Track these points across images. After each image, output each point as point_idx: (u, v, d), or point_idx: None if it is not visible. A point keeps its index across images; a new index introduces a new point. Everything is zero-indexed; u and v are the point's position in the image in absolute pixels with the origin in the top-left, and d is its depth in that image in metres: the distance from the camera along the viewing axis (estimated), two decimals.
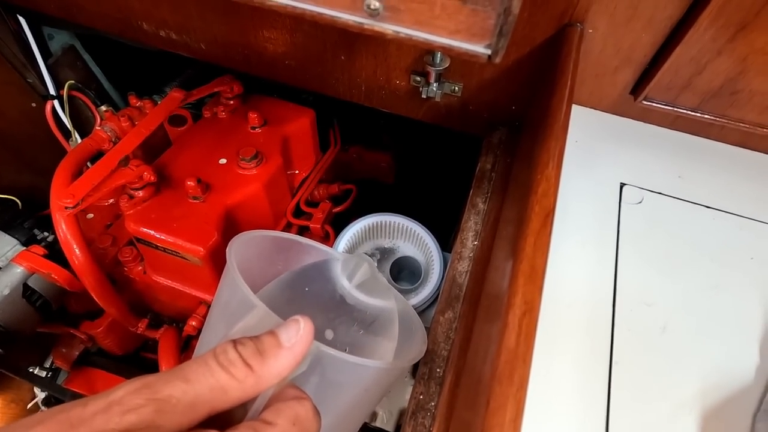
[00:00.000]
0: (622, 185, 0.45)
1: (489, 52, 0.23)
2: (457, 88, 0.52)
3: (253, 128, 0.65)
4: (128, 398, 0.17)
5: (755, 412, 0.33)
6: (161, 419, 0.17)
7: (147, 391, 0.18)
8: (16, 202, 0.73)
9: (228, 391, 0.19)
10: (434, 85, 0.51)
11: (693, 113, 0.45)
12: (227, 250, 0.35)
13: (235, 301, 0.30)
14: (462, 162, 0.70)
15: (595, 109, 0.50)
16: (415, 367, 0.40)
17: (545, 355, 0.34)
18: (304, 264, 0.49)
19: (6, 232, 0.62)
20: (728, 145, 0.48)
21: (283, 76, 0.61)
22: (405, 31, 0.23)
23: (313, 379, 0.21)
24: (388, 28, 0.24)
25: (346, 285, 0.50)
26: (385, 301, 0.49)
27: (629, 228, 0.42)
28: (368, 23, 0.24)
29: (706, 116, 0.45)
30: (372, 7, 0.23)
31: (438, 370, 0.39)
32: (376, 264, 0.51)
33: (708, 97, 0.44)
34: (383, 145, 0.87)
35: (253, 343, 0.20)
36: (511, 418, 0.23)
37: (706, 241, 0.41)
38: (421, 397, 0.38)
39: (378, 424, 0.56)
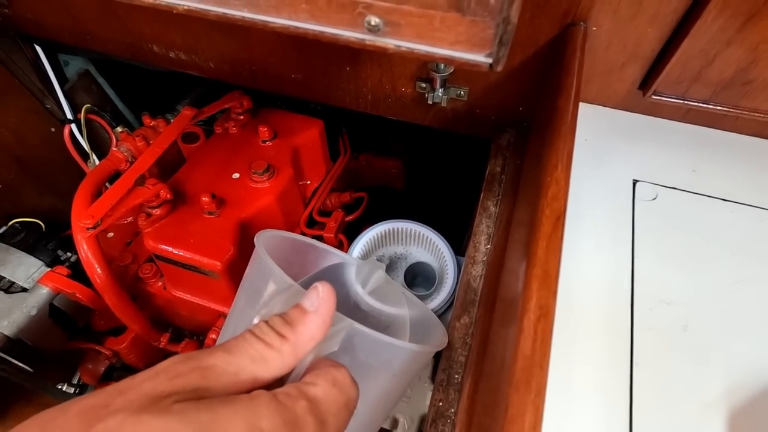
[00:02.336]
0: (635, 182, 0.44)
1: (490, 60, 0.23)
2: (462, 92, 0.52)
3: (264, 141, 0.66)
4: (174, 367, 0.18)
5: None
6: (208, 383, 0.18)
7: (192, 362, 0.18)
8: (40, 225, 0.75)
9: (269, 361, 0.20)
10: (440, 90, 0.51)
11: (705, 105, 0.44)
12: (255, 239, 0.36)
13: (266, 285, 0.32)
14: (471, 165, 0.69)
15: (603, 106, 0.49)
16: (435, 373, 0.40)
17: (563, 359, 0.33)
18: (319, 268, 0.49)
19: (31, 254, 0.64)
20: (743, 136, 0.47)
21: (290, 89, 0.62)
22: (406, 44, 0.24)
23: (344, 359, 0.22)
24: (390, 42, 0.24)
25: (359, 291, 0.50)
26: (398, 308, 0.49)
27: (644, 225, 0.41)
28: (369, 39, 0.24)
29: (718, 108, 0.44)
30: (372, 23, 0.23)
31: (456, 376, 0.39)
32: (385, 267, 0.51)
33: (720, 89, 0.43)
34: (392, 151, 0.88)
35: (281, 318, 0.21)
36: (531, 426, 0.23)
37: (725, 235, 0.40)
38: (441, 404, 0.38)
39: (399, 430, 0.56)
